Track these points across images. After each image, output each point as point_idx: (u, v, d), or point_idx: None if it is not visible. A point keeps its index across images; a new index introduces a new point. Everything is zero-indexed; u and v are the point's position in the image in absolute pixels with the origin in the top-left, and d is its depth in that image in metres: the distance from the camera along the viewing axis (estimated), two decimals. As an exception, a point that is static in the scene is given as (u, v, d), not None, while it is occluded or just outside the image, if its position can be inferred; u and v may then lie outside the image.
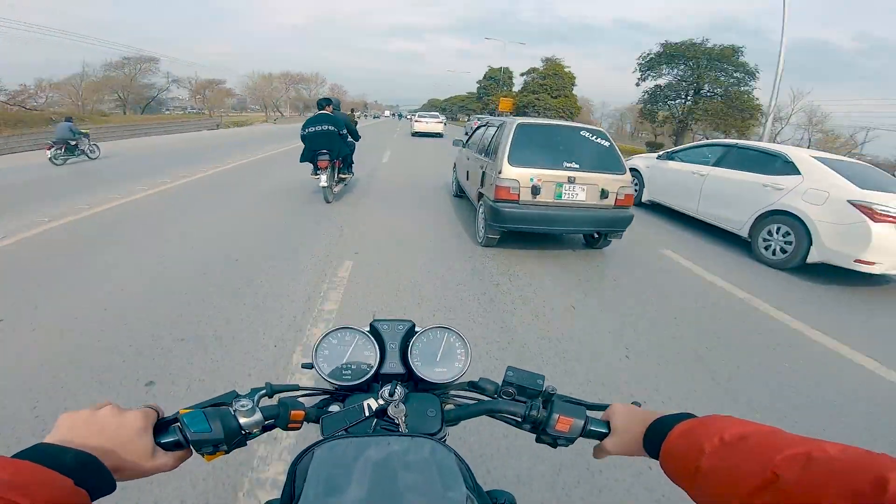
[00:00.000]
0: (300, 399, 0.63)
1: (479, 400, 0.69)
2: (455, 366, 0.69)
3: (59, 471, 0.38)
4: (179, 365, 2.27)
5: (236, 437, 0.53)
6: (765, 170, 5.21)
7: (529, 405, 0.63)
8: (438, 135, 23.03)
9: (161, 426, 0.52)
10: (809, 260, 4.48)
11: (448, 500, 0.45)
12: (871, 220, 4.06)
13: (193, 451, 0.52)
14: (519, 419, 0.64)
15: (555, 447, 0.63)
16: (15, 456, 0.39)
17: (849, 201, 4.23)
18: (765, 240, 4.94)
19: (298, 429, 0.61)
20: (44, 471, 0.37)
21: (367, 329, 0.72)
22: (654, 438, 0.52)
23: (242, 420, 0.54)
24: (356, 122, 7.52)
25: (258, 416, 0.55)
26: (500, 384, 0.67)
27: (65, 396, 1.99)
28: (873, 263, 4.08)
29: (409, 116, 75.56)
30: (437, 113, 25.11)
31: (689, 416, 0.51)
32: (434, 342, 0.71)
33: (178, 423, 0.52)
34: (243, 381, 2.18)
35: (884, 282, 4.69)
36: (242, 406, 0.54)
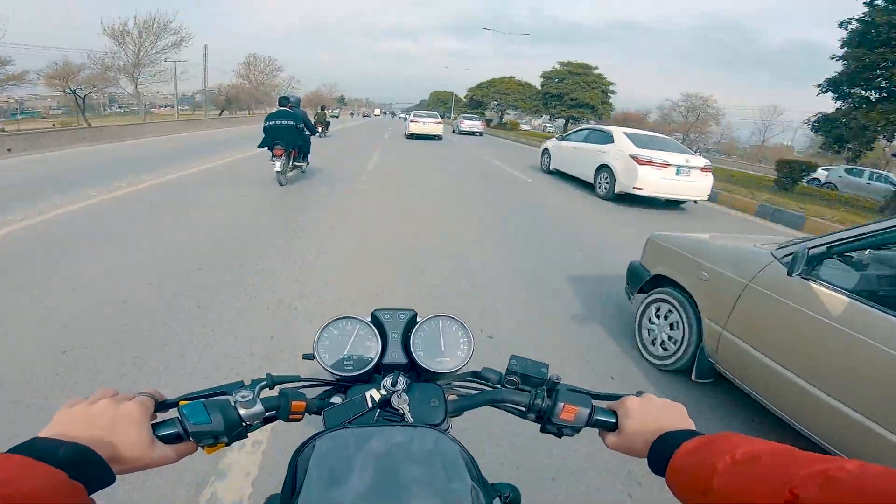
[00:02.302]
0: (301, 390, 0.63)
1: (482, 390, 0.69)
2: (458, 355, 0.68)
3: (52, 464, 0.38)
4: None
5: (237, 429, 0.53)
6: (601, 141, 8.42)
7: (534, 394, 0.63)
8: (437, 137, 20.38)
9: (161, 420, 0.52)
10: (616, 191, 7.67)
11: (452, 491, 0.45)
12: (638, 164, 7.26)
13: (195, 444, 0.52)
14: (523, 409, 0.64)
15: (560, 437, 0.63)
16: (7, 451, 0.38)
17: (630, 155, 7.44)
18: (598, 183, 8.17)
19: (300, 420, 0.60)
20: (36, 464, 0.37)
21: (369, 319, 0.71)
22: (660, 455, 0.51)
23: (243, 412, 0.53)
24: (328, 122, 7.34)
25: (259, 407, 0.54)
26: (504, 373, 0.67)
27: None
28: (642, 189, 7.28)
29: (402, 115, 68.10)
30: (434, 113, 22.33)
31: (695, 433, 0.51)
32: (436, 331, 0.70)
33: (178, 416, 0.51)
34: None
35: (659, 205, 7.86)
36: (243, 397, 0.54)
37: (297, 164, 7.81)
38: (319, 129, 15.38)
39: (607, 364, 2.54)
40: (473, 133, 27.75)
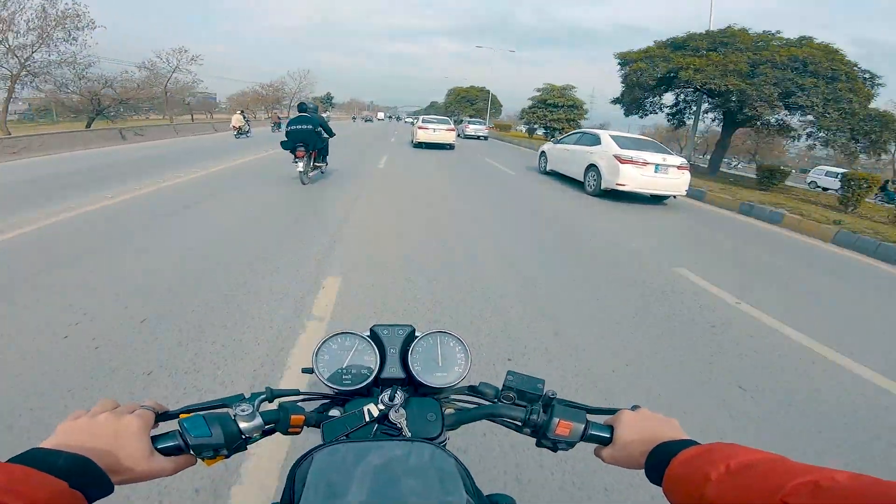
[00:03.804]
0: (300, 404, 0.65)
1: (479, 404, 0.71)
2: (455, 370, 0.70)
3: (52, 474, 0.39)
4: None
5: (236, 442, 0.55)
6: (590, 143, 9.41)
7: (529, 409, 0.65)
8: (450, 146, 18.06)
9: (162, 432, 0.53)
10: (602, 187, 8.64)
11: None
12: (621, 163, 8.23)
13: (195, 456, 0.53)
14: (519, 423, 0.65)
15: (555, 451, 0.64)
16: (8, 461, 0.39)
17: (613, 155, 8.41)
18: (587, 181, 9.15)
19: (298, 433, 0.62)
20: (37, 474, 0.38)
21: (367, 334, 0.73)
22: (657, 464, 0.52)
23: (242, 425, 0.55)
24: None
25: (258, 420, 0.56)
26: (500, 388, 0.69)
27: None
28: (624, 185, 8.24)
29: (408, 120, 64.03)
30: (446, 118, 19.83)
31: (692, 442, 0.52)
32: (434, 347, 0.72)
33: (178, 429, 0.52)
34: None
35: (641, 200, 8.83)
36: (243, 410, 0.55)
37: (317, 164, 8.60)
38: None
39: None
40: (478, 137, 29.14)
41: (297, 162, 7.71)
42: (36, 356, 2.31)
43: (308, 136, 7.83)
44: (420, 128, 17.89)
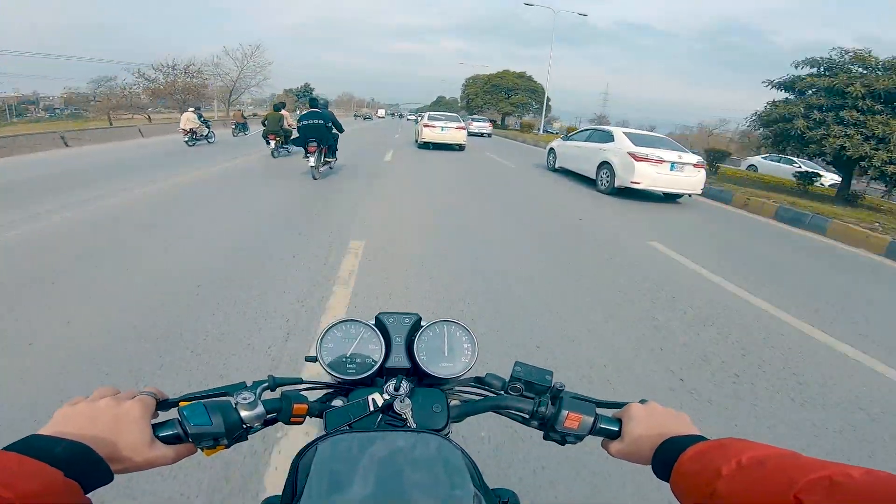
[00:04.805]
0: (303, 392, 0.64)
1: (485, 396, 0.69)
2: (461, 360, 0.68)
3: (48, 462, 0.38)
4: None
5: (237, 431, 0.53)
6: (602, 140, 9.22)
7: (537, 401, 0.63)
8: (459, 147, 16.09)
9: (162, 420, 0.52)
10: (616, 185, 8.45)
11: (455, 498, 0.44)
12: (636, 160, 8.03)
13: (195, 445, 0.52)
14: (526, 416, 0.64)
15: (563, 444, 0.63)
16: (5, 448, 0.38)
17: (628, 152, 8.21)
18: (599, 178, 8.96)
19: (301, 423, 0.61)
20: (31, 462, 0.37)
21: (373, 322, 0.72)
22: (665, 459, 0.51)
23: (244, 413, 0.53)
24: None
25: (260, 409, 0.55)
26: (508, 380, 0.67)
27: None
28: (639, 182, 8.05)
29: (411, 117, 62.58)
30: (455, 115, 18.07)
31: (701, 437, 0.51)
32: (440, 336, 0.70)
33: (178, 417, 0.51)
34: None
35: (660, 199, 8.66)
36: (244, 399, 0.54)
37: (327, 159, 8.68)
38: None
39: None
40: (482, 134, 29.04)
41: (308, 157, 7.82)
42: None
43: (318, 131, 7.91)
44: (426, 126, 15.82)
